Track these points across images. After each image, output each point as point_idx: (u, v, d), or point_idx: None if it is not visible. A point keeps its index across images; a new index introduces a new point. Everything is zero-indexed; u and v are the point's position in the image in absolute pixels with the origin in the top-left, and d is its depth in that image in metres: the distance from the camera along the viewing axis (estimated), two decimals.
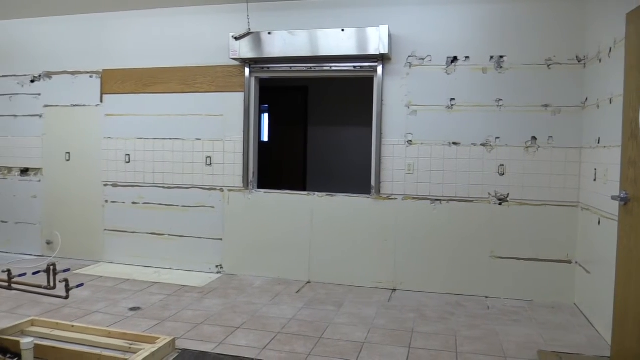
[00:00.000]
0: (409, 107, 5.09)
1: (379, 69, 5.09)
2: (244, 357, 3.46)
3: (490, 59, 4.89)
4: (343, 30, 4.99)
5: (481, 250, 4.97)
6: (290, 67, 5.35)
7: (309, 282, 5.36)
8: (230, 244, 5.64)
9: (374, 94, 5.19)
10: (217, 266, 5.68)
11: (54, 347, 3.38)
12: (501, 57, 4.86)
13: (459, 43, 4.95)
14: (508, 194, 4.89)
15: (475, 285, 4.99)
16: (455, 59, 4.96)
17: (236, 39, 5.25)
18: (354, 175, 7.15)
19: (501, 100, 4.87)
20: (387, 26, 4.87)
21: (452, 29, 4.98)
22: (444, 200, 5.03)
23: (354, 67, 5.19)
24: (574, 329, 4.13)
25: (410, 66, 5.07)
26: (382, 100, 5.13)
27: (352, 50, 4.99)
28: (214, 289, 5.07)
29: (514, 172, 4.87)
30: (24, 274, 3.23)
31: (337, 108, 7.78)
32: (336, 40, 5.02)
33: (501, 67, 4.87)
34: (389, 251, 5.17)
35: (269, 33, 5.19)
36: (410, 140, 5.09)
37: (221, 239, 5.66)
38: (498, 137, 4.89)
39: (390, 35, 4.94)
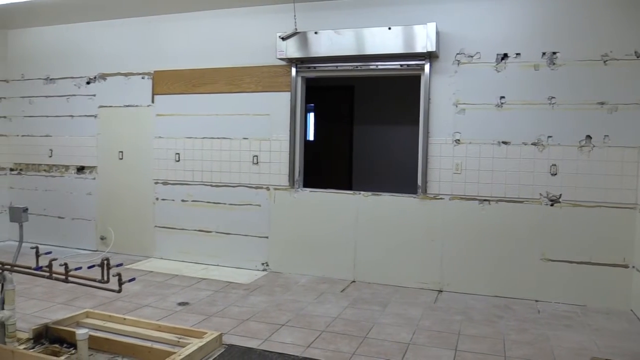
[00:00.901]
0: (456, 106, 5.00)
1: (426, 67, 5.03)
2: (289, 355, 3.49)
3: (543, 55, 4.74)
4: (390, 28, 4.94)
5: (531, 252, 4.83)
6: (337, 66, 5.35)
7: (353, 282, 5.35)
8: (276, 242, 5.69)
9: (420, 92, 5.13)
10: (262, 264, 5.75)
11: (107, 339, 3.50)
12: (554, 53, 4.71)
13: (510, 39, 4.83)
14: (560, 195, 4.74)
15: (525, 288, 4.85)
16: (505, 55, 4.84)
17: (283, 39, 5.29)
18: (400, 174, 7.08)
19: (554, 98, 4.72)
20: (434, 23, 4.80)
21: (502, 25, 4.86)
22: (492, 200, 4.92)
23: (401, 65, 5.15)
24: (631, 337, 3.96)
25: (458, 64, 4.98)
26: (429, 99, 5.07)
27: (398, 49, 4.95)
28: (260, 286, 5.13)
29: (567, 172, 4.71)
30: (80, 268, 3.36)
31: (383, 107, 7.72)
32: (382, 39, 4.98)
33: (554, 64, 4.71)
34: (435, 252, 5.10)
35: (315, 32, 5.21)
36: (458, 140, 5.00)
37: (267, 237, 5.72)
38: (550, 136, 4.74)
39: (437, 33, 4.87)
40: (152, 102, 6.22)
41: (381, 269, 5.28)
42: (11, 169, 7.18)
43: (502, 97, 4.85)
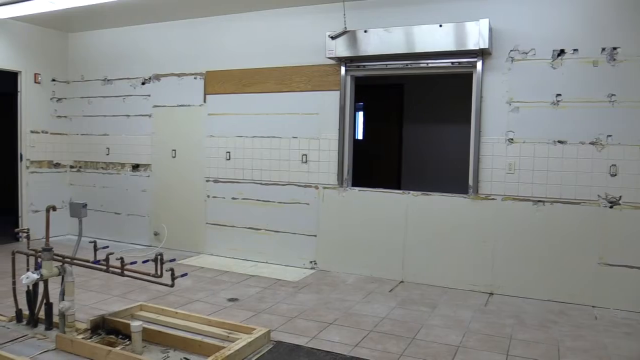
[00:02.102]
0: (510, 104, 4.87)
1: (479, 65, 4.92)
2: (336, 353, 3.49)
3: (602, 51, 4.55)
4: (441, 25, 4.87)
5: (588, 256, 4.64)
6: (386, 64, 5.31)
7: (402, 282, 5.30)
8: (324, 241, 5.71)
9: (472, 90, 5.02)
10: (311, 262, 5.77)
11: (159, 331, 3.60)
12: (614, 48, 4.51)
13: (566, 35, 4.66)
14: (620, 197, 4.53)
15: (581, 293, 4.67)
16: (562, 52, 4.67)
17: (332, 38, 5.30)
18: (451, 174, 6.95)
19: (614, 95, 4.52)
20: (487, 20, 4.69)
21: (558, 20, 4.69)
22: (547, 201, 4.76)
23: (452, 63, 5.06)
24: None
25: (512, 61, 4.84)
26: (481, 97, 4.96)
27: (450, 46, 4.86)
28: (308, 284, 5.16)
29: (628, 173, 4.50)
30: (135, 262, 3.47)
31: (434, 105, 7.61)
32: (433, 36, 4.91)
33: (614, 60, 4.51)
34: (487, 253, 4.98)
35: (365, 31, 5.19)
36: (512, 139, 4.87)
37: (315, 236, 5.75)
38: (610, 135, 4.54)
39: (490, 29, 4.75)
40: (204, 101, 6.35)
41: (430, 269, 5.21)
42: (71, 167, 7.50)
43: (558, 95, 4.69)
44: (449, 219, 5.12)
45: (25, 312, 3.84)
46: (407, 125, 7.90)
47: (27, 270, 3.60)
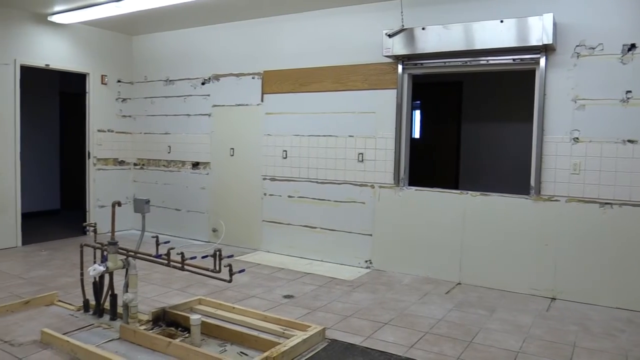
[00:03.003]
0: (575, 102, 4.67)
1: (542, 61, 4.75)
2: (391, 354, 3.46)
3: None
4: (502, 21, 4.73)
5: None
6: (445, 62, 5.22)
7: (459, 284, 5.19)
8: (379, 240, 5.67)
9: (535, 87, 4.85)
10: (366, 261, 5.75)
11: (217, 325, 3.69)
12: None
13: (638, 28, 4.41)
14: None
15: None
16: (632, 46, 4.43)
17: (389, 36, 5.25)
18: (511, 174, 6.75)
19: None
20: (551, 14, 4.52)
21: (629, 13, 4.45)
22: (615, 203, 4.54)
23: (513, 59, 4.90)
24: None
25: (577, 56, 4.64)
26: (544, 94, 4.78)
27: (511, 42, 4.72)
28: (363, 284, 5.14)
29: None
30: (195, 257, 3.57)
31: (493, 103, 7.41)
32: (494, 32, 4.78)
33: None
34: (549, 257, 4.80)
35: (423, 28, 5.11)
36: (577, 138, 4.67)
37: (371, 235, 5.72)
38: None
39: (555, 24, 4.57)
40: (262, 101, 6.45)
41: (489, 272, 5.08)
42: (135, 164, 7.79)
43: (629, 92, 4.45)
44: (509, 220, 4.98)
45: (92, 302, 4.02)
46: (466, 123, 7.73)
47: (94, 262, 3.77)
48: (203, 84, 6.99)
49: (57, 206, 9.14)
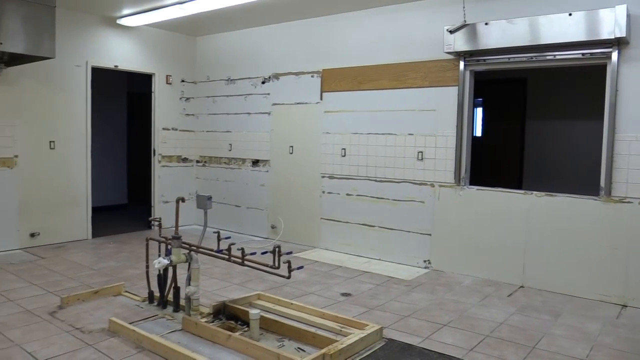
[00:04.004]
0: None
1: (614, 55, 4.51)
2: (450, 356, 3.39)
3: None
4: (570, 14, 4.53)
5: None
6: (509, 58, 5.06)
7: (521, 287, 5.03)
8: (439, 240, 5.58)
9: (606, 83, 4.62)
10: (425, 261, 5.67)
11: (275, 321, 3.73)
12: None
13: None
14: None
15: None
16: None
17: (451, 32, 5.14)
18: (579, 174, 6.47)
19: None
20: (624, 6, 4.28)
21: None
22: None
23: (582, 54, 4.69)
24: None
25: None
26: (616, 91, 4.55)
27: (580, 36, 4.52)
28: (422, 284, 5.07)
29: None
30: (254, 253, 3.63)
31: (560, 100, 7.11)
32: (561, 26, 4.59)
33: None
34: (620, 261, 4.57)
35: (486, 24, 4.98)
36: None
37: (430, 234, 5.63)
38: None
39: (628, 16, 4.33)
40: (321, 99, 6.48)
41: (553, 275, 4.89)
42: (197, 161, 8.02)
43: None
44: (576, 222, 4.77)
45: (156, 294, 4.17)
46: (530, 121, 7.47)
47: (159, 256, 3.91)
48: (263, 82, 7.10)
49: (124, 201, 9.55)
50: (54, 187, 6.45)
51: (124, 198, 9.57)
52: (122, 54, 7.05)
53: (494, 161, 7.56)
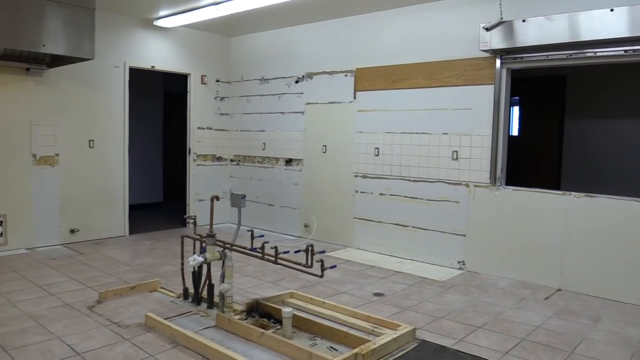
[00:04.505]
0: None
1: None
2: (484, 359, 3.33)
3: None
4: (612, 10, 4.40)
5: None
6: (547, 55, 4.94)
7: (559, 290, 4.91)
8: (473, 241, 5.49)
9: None
10: (459, 262, 5.59)
11: (308, 319, 3.74)
12: None
13: None
14: None
15: None
16: None
17: (487, 29, 5.06)
18: (621, 175, 6.27)
19: None
20: None
21: None
22: None
23: (625, 51, 4.54)
24: None
25: None
26: None
27: (623, 32, 4.37)
28: (455, 285, 5.01)
29: None
30: (287, 252, 3.65)
31: (601, 99, 6.91)
32: (603, 22, 4.46)
33: None
34: None
35: (523, 20, 4.88)
36: None
37: (464, 235, 5.55)
38: None
39: None
40: (354, 98, 6.46)
41: (592, 278, 4.75)
42: (231, 160, 8.10)
43: None
44: (617, 224, 4.62)
45: (191, 290, 4.23)
46: (569, 120, 7.28)
47: (194, 253, 3.97)
48: (297, 82, 7.12)
49: (160, 199, 9.73)
50: (93, 185, 6.62)
51: (159, 196, 9.75)
52: (158, 54, 7.18)
53: (531, 161, 7.41)
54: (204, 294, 4.12)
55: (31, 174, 6.08)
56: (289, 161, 7.27)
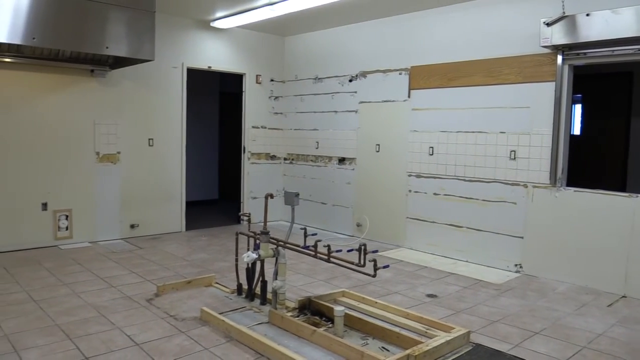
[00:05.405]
0: None
1: None
2: None
3: None
4: None
5: None
6: (612, 50, 4.71)
7: (624, 296, 4.68)
8: (531, 243, 5.32)
9: None
10: (515, 265, 5.43)
11: (359, 318, 3.72)
12: None
13: None
14: None
15: None
16: None
17: (548, 24, 4.88)
18: None
19: None
20: None
21: None
22: None
23: None
24: None
25: None
26: None
27: None
28: (512, 288, 4.86)
29: None
30: (340, 250, 3.64)
31: None
32: None
33: None
34: None
35: (587, 14, 4.67)
36: None
37: (522, 237, 5.38)
38: None
39: None
40: (408, 96, 6.38)
41: None
42: (285, 159, 8.18)
43: None
44: None
45: (244, 286, 4.30)
46: (636, 118, 6.93)
47: (248, 250, 4.03)
48: (350, 81, 7.11)
49: (215, 196, 9.96)
50: (152, 182, 6.85)
51: (214, 193, 9.98)
52: (215, 55, 7.34)
53: (594, 161, 7.10)
54: (258, 290, 4.18)
55: (94, 171, 6.34)
56: (341, 160, 7.27)
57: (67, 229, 6.16)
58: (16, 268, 5.10)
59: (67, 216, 6.15)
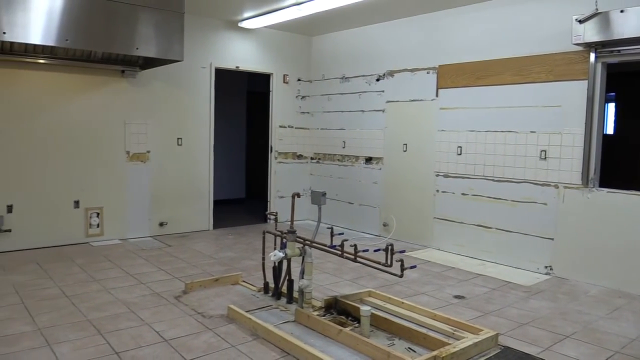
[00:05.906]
0: None
1: None
2: None
3: None
4: None
5: None
6: None
7: None
8: (562, 245, 5.21)
9: None
10: (545, 267, 5.33)
11: (385, 319, 3.71)
12: None
13: None
14: None
15: None
16: None
17: (580, 21, 4.78)
18: None
19: None
20: None
21: None
22: None
23: None
24: None
25: None
26: None
27: None
28: (542, 291, 4.78)
29: None
30: (367, 250, 3.63)
31: None
32: None
33: None
34: None
35: (621, 11, 4.55)
36: None
37: (552, 239, 5.28)
38: None
39: None
40: (436, 95, 6.32)
41: None
42: (311, 158, 8.20)
43: None
44: None
45: (271, 285, 4.33)
46: None
47: (274, 248, 4.05)
48: (377, 80, 7.08)
49: (242, 195, 10.03)
50: (181, 181, 6.94)
51: (242, 192, 10.06)
52: (242, 55, 7.39)
53: (628, 161, 6.93)
54: (284, 289, 4.20)
55: (125, 169, 6.46)
56: (368, 159, 7.25)
57: (98, 226, 6.29)
58: (49, 264, 5.23)
59: (98, 214, 6.28)
